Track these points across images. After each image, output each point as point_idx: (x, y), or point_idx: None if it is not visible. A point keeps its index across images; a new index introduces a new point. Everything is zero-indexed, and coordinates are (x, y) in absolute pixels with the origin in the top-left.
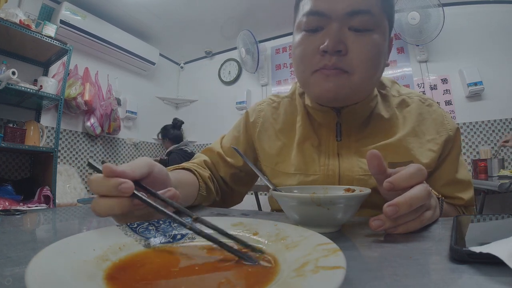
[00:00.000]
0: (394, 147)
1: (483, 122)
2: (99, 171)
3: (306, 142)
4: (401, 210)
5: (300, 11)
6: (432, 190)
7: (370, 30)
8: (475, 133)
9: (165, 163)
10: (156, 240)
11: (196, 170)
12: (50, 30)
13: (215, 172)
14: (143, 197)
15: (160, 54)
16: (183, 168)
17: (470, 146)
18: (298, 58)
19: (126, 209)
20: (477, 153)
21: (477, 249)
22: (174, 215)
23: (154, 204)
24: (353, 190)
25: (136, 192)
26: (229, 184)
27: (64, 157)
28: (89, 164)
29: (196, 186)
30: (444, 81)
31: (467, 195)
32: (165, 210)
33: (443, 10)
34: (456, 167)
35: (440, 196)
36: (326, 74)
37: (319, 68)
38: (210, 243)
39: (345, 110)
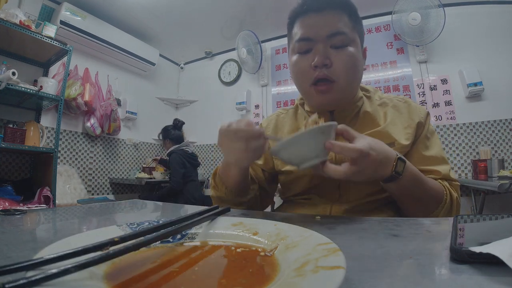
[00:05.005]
0: (379, 133)
1: (483, 122)
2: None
3: None
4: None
5: (293, 38)
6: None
7: (347, 46)
8: (475, 133)
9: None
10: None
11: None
12: (50, 30)
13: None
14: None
15: (160, 55)
16: None
17: (470, 147)
18: (296, 74)
19: (257, 135)
20: (477, 153)
21: (477, 249)
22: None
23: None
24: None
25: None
26: (262, 186)
27: (64, 158)
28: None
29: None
30: (444, 81)
31: (442, 168)
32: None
33: (444, 10)
34: (425, 146)
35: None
36: (320, 91)
37: (314, 81)
38: (210, 243)
39: (337, 111)
